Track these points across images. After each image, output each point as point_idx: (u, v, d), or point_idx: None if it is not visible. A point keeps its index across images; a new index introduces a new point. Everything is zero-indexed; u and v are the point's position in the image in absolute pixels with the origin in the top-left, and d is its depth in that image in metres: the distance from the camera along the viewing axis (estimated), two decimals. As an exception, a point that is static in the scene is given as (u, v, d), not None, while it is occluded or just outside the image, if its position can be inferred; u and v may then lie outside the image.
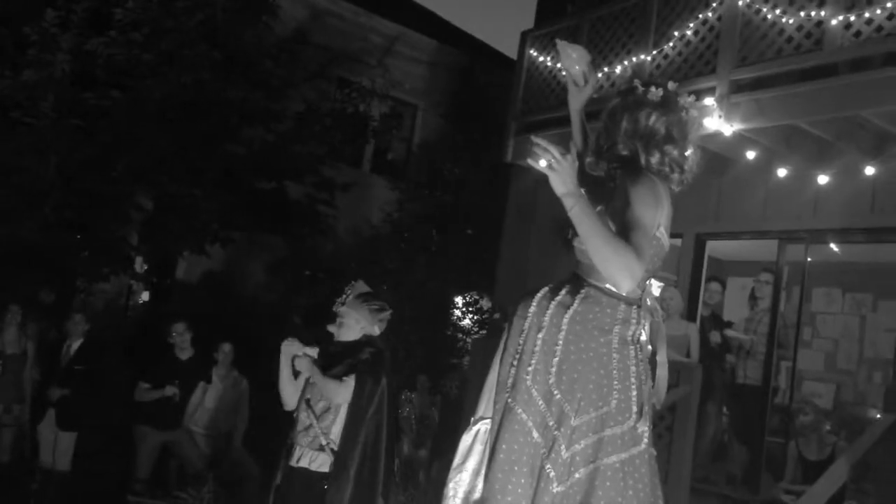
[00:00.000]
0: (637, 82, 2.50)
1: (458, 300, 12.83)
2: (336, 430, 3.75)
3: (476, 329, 12.44)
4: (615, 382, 2.27)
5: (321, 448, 3.72)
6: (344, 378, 3.77)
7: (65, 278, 9.14)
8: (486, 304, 12.13)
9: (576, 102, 2.70)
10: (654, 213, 2.28)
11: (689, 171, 2.46)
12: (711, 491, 6.28)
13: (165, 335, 7.33)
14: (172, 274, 11.77)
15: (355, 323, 3.98)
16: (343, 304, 4.00)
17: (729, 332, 7.09)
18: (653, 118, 2.41)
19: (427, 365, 10.95)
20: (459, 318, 12.78)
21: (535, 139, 2.19)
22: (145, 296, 12.10)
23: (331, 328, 4.00)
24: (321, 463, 3.71)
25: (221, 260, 11.09)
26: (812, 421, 6.08)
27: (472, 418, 2.50)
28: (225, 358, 7.47)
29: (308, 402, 3.84)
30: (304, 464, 3.75)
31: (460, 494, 2.42)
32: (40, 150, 8.30)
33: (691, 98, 2.50)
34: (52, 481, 6.69)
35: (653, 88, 2.45)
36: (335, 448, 3.70)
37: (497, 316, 9.15)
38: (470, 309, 12.75)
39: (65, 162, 8.48)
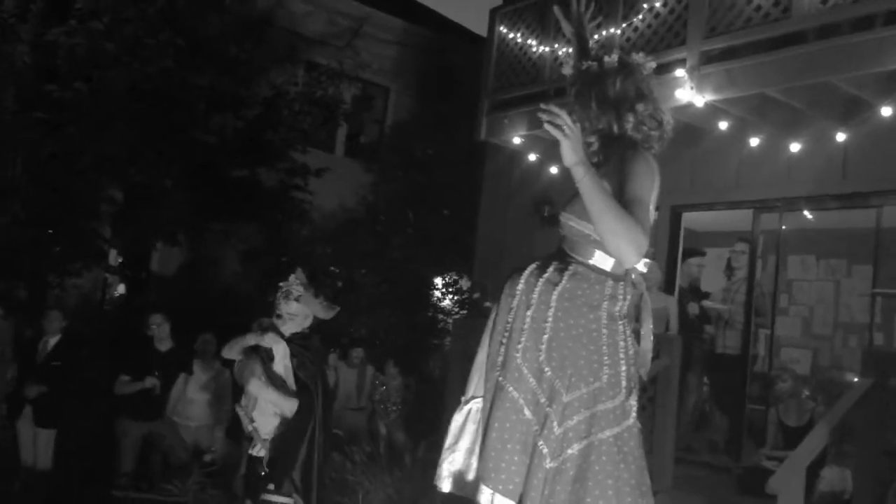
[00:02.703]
0: (585, 62, 2.53)
1: (438, 281, 12.82)
2: (258, 417, 3.92)
3: (456, 309, 12.44)
4: (605, 358, 2.29)
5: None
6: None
7: (37, 274, 9.00)
8: (465, 284, 12.12)
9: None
10: (651, 189, 2.29)
11: (667, 125, 2.46)
12: (694, 460, 6.36)
13: (143, 327, 7.26)
14: (147, 266, 11.65)
15: (303, 319, 4.04)
16: (297, 300, 3.99)
17: (707, 303, 7.15)
18: (618, 83, 2.43)
19: (408, 346, 10.95)
20: (439, 299, 12.77)
21: (545, 105, 2.16)
22: (121, 289, 11.96)
23: (278, 322, 4.03)
24: (259, 449, 3.92)
25: (196, 250, 10.98)
26: (790, 387, 6.15)
27: (463, 398, 2.50)
28: (206, 348, 7.42)
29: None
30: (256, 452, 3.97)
31: (454, 474, 2.43)
32: (5, 145, 8.13)
33: (641, 54, 2.51)
34: (34, 479, 6.63)
35: (606, 57, 2.47)
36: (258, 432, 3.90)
37: (477, 296, 9.16)
38: (450, 289, 12.74)
39: (31, 156, 8.32)
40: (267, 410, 3.95)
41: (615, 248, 2.16)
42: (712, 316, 7.08)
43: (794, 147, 6.52)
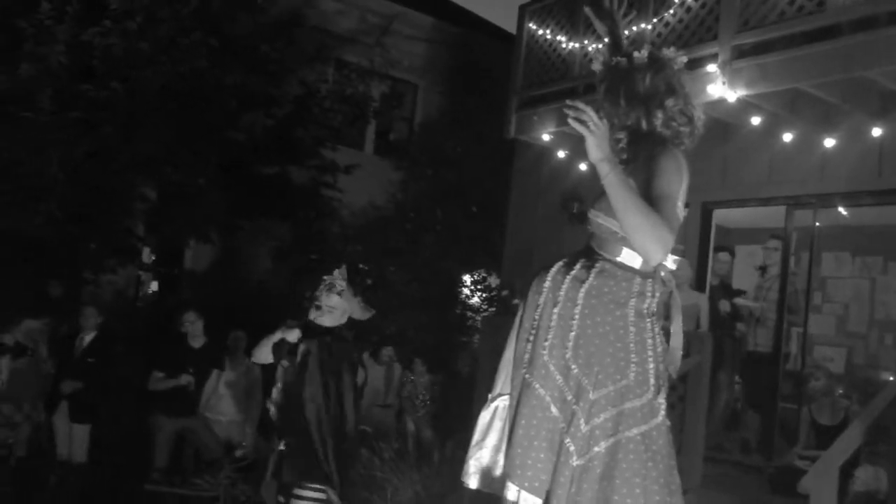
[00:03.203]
0: (615, 57, 2.50)
1: (466, 278, 12.82)
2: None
3: (485, 307, 12.44)
4: (632, 356, 2.27)
5: None
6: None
7: (72, 271, 9.17)
8: (493, 281, 12.11)
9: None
10: (680, 186, 2.28)
11: (699, 120, 2.44)
12: (725, 459, 6.29)
13: (177, 324, 7.36)
14: (180, 263, 11.79)
15: (341, 314, 4.10)
16: (339, 294, 4.05)
17: (738, 301, 7.06)
18: (648, 78, 2.40)
19: (437, 344, 10.97)
20: (468, 297, 12.77)
21: (571, 102, 2.17)
22: (154, 286, 12.13)
23: (314, 314, 4.11)
24: None
25: (228, 247, 11.10)
26: (824, 386, 6.05)
27: (490, 395, 2.50)
28: (237, 345, 7.50)
29: None
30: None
31: (481, 471, 2.43)
32: (41, 145, 8.28)
33: (672, 49, 2.49)
34: (69, 473, 6.76)
35: (635, 53, 2.45)
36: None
37: (505, 293, 9.14)
38: (478, 287, 12.73)
39: (67, 155, 8.46)
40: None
41: (640, 246, 2.16)
42: (744, 313, 7.00)
43: (829, 142, 6.42)
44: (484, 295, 12.63)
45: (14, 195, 8.20)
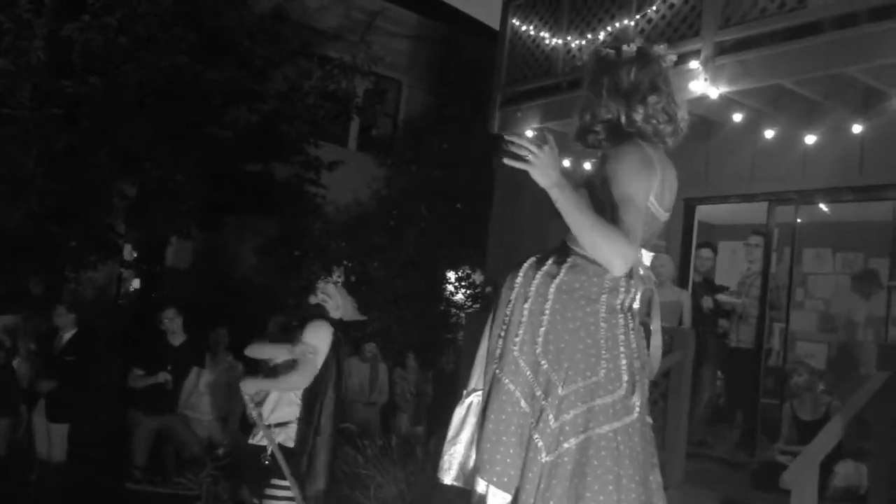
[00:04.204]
0: (603, 48, 2.47)
1: (451, 275, 12.81)
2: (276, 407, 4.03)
3: (469, 304, 12.43)
4: (603, 352, 2.25)
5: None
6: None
7: (53, 268, 9.07)
8: (478, 278, 12.11)
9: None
10: (644, 184, 2.24)
11: (682, 120, 2.42)
12: (708, 454, 6.31)
13: (157, 321, 7.30)
14: (162, 260, 11.71)
15: (334, 308, 4.15)
16: (335, 284, 4.09)
17: (720, 297, 7.09)
18: (633, 73, 2.37)
19: (421, 341, 10.96)
20: (452, 294, 12.76)
21: (507, 137, 2.16)
22: (136, 283, 12.03)
23: (313, 300, 4.07)
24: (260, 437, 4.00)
25: (212, 244, 11.02)
26: (806, 381, 6.09)
27: (465, 391, 2.49)
28: (219, 342, 7.45)
29: None
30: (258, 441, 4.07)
31: (455, 466, 2.42)
32: (20, 140, 8.18)
33: (663, 46, 2.46)
34: (49, 472, 6.68)
35: (624, 46, 2.41)
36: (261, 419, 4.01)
37: (489, 290, 9.14)
38: (462, 283, 12.73)
39: (46, 151, 8.37)
40: (283, 400, 3.95)
41: (602, 261, 2.18)
42: (726, 310, 7.02)
43: (810, 139, 6.45)
44: (468, 292, 12.63)
45: (-8, 191, 8.11)
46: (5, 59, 8.13)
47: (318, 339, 3.98)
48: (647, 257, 2.37)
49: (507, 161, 2.16)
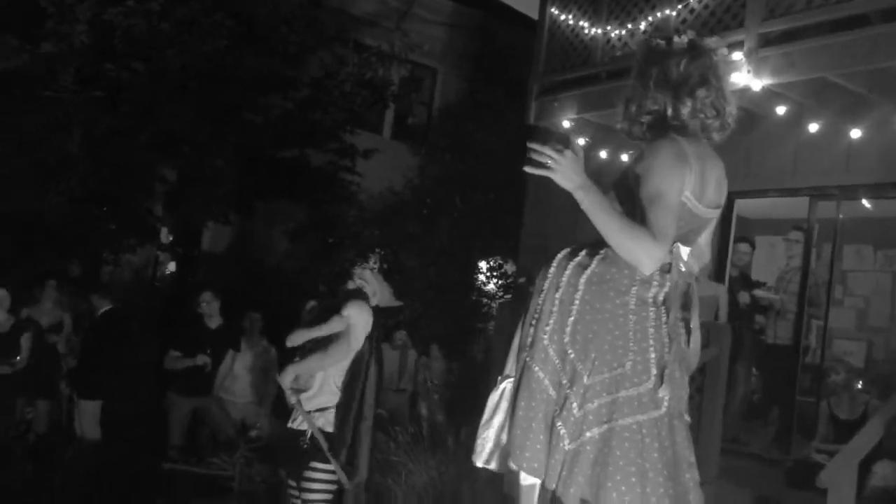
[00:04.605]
0: (654, 38, 2.44)
1: (483, 265, 12.79)
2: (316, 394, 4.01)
3: (501, 294, 12.42)
4: (631, 344, 2.24)
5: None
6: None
7: (92, 251, 9.23)
8: (510, 268, 12.08)
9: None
10: (677, 180, 2.21)
11: (731, 115, 2.38)
12: (743, 451, 6.26)
13: (194, 304, 7.39)
14: (198, 244, 11.84)
15: (371, 294, 4.13)
16: (372, 270, 4.15)
17: (758, 292, 7.00)
18: (683, 65, 2.33)
19: (452, 330, 10.98)
20: (484, 283, 12.76)
21: (530, 144, 2.15)
22: (172, 266, 12.20)
23: (351, 285, 4.11)
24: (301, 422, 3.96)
25: (246, 229, 11.13)
26: (844, 379, 6.00)
27: (499, 377, 2.51)
28: (253, 326, 7.53)
29: None
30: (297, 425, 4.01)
31: (487, 449, 2.45)
32: (63, 124, 8.31)
33: (715, 38, 2.42)
34: (84, 450, 6.81)
35: (676, 37, 2.38)
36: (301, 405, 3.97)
37: (522, 280, 9.12)
38: (494, 273, 12.71)
39: (88, 134, 8.50)
40: (325, 387, 3.97)
41: (631, 261, 2.19)
42: (764, 305, 6.94)
43: (855, 133, 6.32)
44: (500, 282, 12.61)
45: (35, 174, 8.25)
46: (48, 43, 8.26)
47: (359, 316, 3.98)
48: (684, 252, 2.33)
49: (527, 169, 2.17)
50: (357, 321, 3.97)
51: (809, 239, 6.77)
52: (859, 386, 6.18)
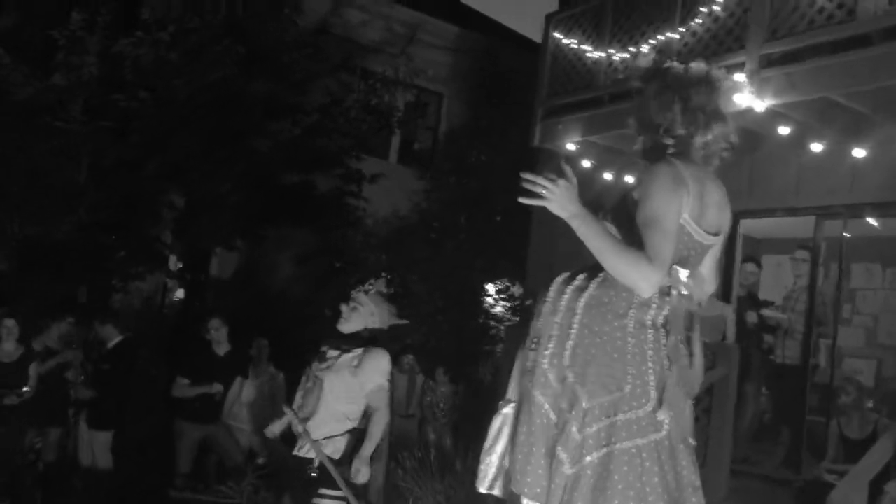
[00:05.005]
0: (671, 62, 2.46)
1: (490, 287, 12.79)
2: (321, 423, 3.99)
3: (508, 316, 12.40)
4: (629, 367, 2.24)
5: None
6: None
7: (101, 278, 9.28)
8: (517, 290, 12.08)
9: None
10: (673, 203, 2.22)
11: (734, 144, 2.42)
12: (752, 472, 6.21)
13: (202, 331, 7.40)
14: (206, 270, 11.89)
15: (368, 315, 4.04)
16: (366, 293, 4.06)
17: (766, 312, 6.98)
18: (702, 95, 2.36)
19: (459, 353, 10.95)
20: (491, 306, 12.75)
21: (523, 175, 2.22)
22: (180, 293, 12.23)
23: (344, 309, 4.04)
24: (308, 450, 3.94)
25: (253, 255, 11.17)
26: (854, 399, 5.96)
27: (501, 402, 2.52)
28: (261, 353, 7.53)
29: None
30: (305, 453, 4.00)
31: (490, 475, 2.46)
32: (72, 153, 8.41)
33: (722, 70, 2.45)
34: (93, 479, 6.80)
35: (692, 65, 2.41)
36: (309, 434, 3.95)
37: (529, 303, 9.11)
38: (501, 296, 12.71)
39: (97, 164, 8.59)
40: (331, 416, 3.95)
41: (628, 285, 2.21)
42: (771, 325, 6.91)
43: (859, 152, 6.34)
44: (507, 304, 12.60)
45: (44, 202, 8.33)
46: (58, 74, 8.38)
47: (383, 372, 3.96)
48: (682, 274, 2.33)
49: (522, 200, 2.23)
50: (386, 373, 3.97)
51: (816, 258, 6.76)
52: (869, 405, 6.13)
